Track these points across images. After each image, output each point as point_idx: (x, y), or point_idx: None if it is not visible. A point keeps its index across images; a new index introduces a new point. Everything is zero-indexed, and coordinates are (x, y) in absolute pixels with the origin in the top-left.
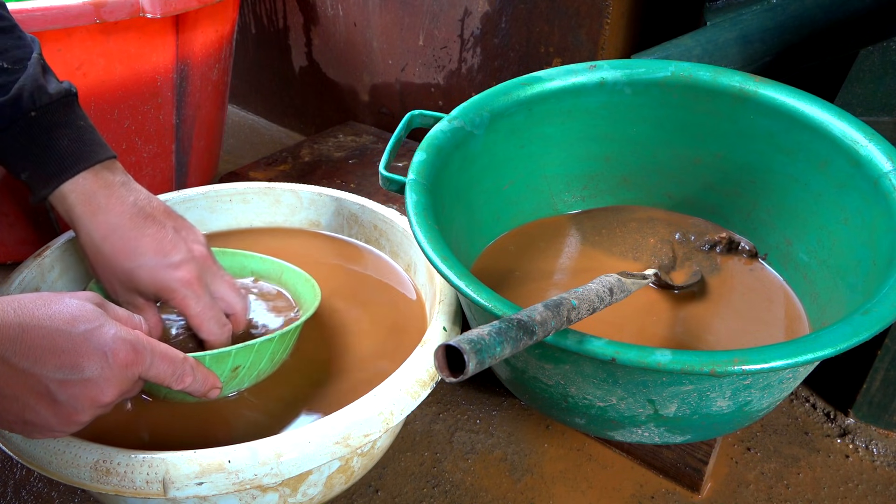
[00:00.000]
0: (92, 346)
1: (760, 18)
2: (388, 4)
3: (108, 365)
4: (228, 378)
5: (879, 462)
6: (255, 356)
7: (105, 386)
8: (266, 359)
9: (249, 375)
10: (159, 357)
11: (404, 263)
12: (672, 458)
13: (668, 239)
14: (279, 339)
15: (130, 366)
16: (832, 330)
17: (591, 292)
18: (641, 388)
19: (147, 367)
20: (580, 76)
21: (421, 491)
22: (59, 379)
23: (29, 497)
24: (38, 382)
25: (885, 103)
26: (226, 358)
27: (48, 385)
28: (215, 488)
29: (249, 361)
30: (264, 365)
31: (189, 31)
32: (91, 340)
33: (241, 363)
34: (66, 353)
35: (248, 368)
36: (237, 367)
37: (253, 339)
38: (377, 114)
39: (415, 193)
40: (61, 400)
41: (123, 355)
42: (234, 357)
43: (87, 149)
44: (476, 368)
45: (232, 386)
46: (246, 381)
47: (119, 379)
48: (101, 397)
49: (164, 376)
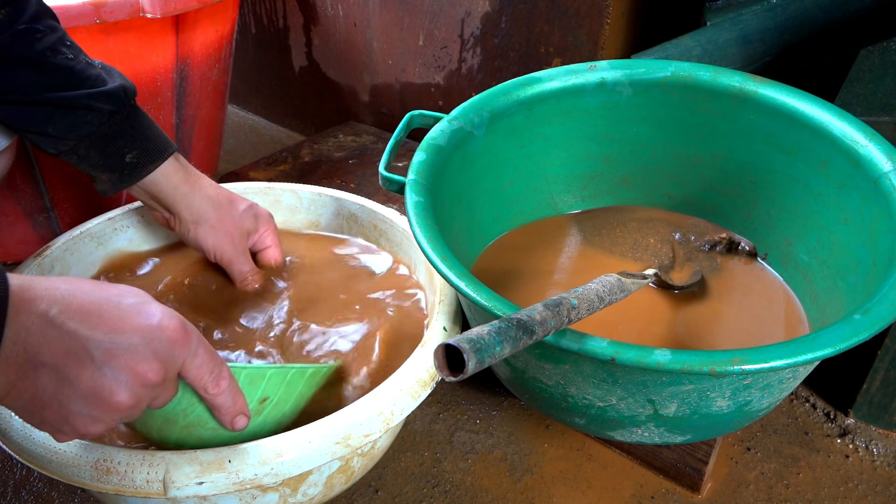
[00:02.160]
0: (142, 317)
1: (760, 18)
2: (388, 4)
3: (156, 337)
4: (254, 411)
5: (879, 462)
6: (284, 390)
7: (152, 359)
8: (293, 400)
9: (273, 416)
10: (204, 347)
11: (404, 263)
12: (672, 458)
13: (668, 239)
14: (311, 375)
15: (178, 344)
16: (832, 330)
17: (591, 292)
18: (641, 388)
19: (192, 353)
20: (580, 76)
21: (421, 491)
22: (105, 345)
23: (29, 497)
24: (82, 347)
25: (885, 103)
26: (259, 380)
27: (93, 351)
28: (215, 488)
29: (277, 396)
30: (289, 408)
31: (189, 31)
32: (141, 312)
33: (270, 394)
34: (115, 320)
35: (274, 405)
36: (265, 400)
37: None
38: (377, 114)
39: (415, 193)
40: (104, 370)
41: (172, 331)
42: (268, 381)
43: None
44: (476, 368)
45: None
46: (268, 424)
47: (166, 355)
48: (146, 371)
49: (204, 371)
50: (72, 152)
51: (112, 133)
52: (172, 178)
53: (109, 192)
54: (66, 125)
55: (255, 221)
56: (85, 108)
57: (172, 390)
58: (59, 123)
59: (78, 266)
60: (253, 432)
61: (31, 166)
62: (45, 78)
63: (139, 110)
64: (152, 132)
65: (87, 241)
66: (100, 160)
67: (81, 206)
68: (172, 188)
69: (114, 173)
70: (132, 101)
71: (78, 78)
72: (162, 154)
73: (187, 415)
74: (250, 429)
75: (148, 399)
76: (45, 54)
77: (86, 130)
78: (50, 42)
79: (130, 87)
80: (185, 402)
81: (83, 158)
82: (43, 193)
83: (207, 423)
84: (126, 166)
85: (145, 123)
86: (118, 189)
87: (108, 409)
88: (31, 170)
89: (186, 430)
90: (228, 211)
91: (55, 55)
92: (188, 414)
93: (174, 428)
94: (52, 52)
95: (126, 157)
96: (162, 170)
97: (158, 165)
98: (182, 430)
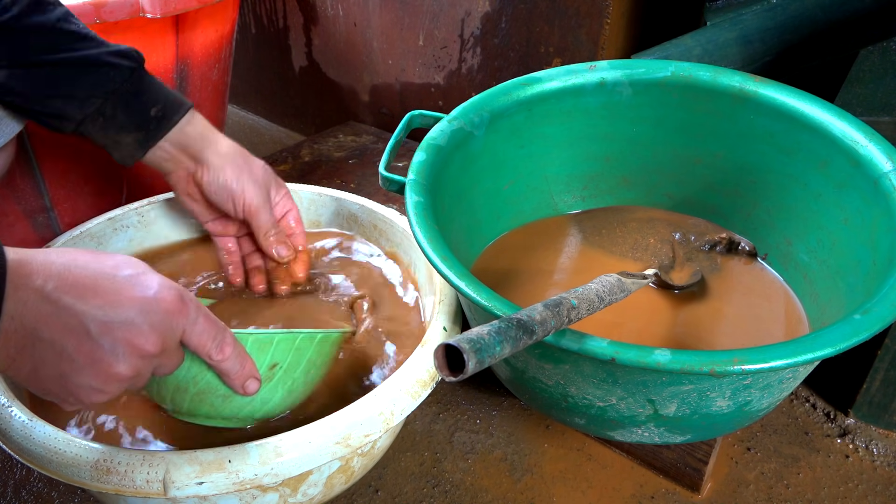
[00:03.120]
0: (137, 290)
1: (760, 18)
2: (388, 4)
3: (152, 309)
4: (264, 377)
5: (879, 462)
6: (293, 356)
7: (148, 331)
8: (303, 365)
9: (285, 382)
10: (204, 316)
11: (404, 263)
12: (672, 458)
13: (668, 239)
14: (320, 340)
15: (175, 315)
16: (832, 330)
17: (591, 292)
18: (641, 388)
19: (192, 321)
20: (580, 76)
21: (421, 491)
22: (101, 319)
23: (29, 497)
24: (79, 322)
25: (885, 103)
26: (267, 346)
27: (89, 325)
28: (215, 488)
29: (287, 362)
30: (300, 374)
31: (189, 31)
32: (136, 284)
33: (279, 360)
34: (110, 294)
35: (284, 371)
36: (275, 366)
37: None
38: (377, 114)
39: (415, 193)
40: (101, 344)
41: (169, 302)
42: (276, 347)
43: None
44: (476, 368)
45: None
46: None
47: (163, 326)
48: (143, 343)
49: (205, 339)
50: (98, 114)
51: (136, 89)
52: (198, 126)
53: (134, 156)
54: (90, 83)
55: (274, 180)
56: (107, 64)
57: (176, 359)
58: (84, 82)
59: None
60: (264, 399)
61: (32, 166)
62: (64, 40)
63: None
64: (168, 89)
65: (87, 241)
66: (126, 118)
67: (81, 206)
68: (199, 135)
69: (140, 131)
70: (143, 62)
71: (95, 41)
72: (183, 105)
73: (197, 382)
74: (261, 394)
75: (149, 369)
76: (59, 22)
77: (110, 87)
78: (61, 13)
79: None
80: (195, 370)
81: (109, 120)
82: (43, 193)
83: (218, 390)
84: (152, 120)
85: (159, 82)
86: (145, 148)
87: (109, 380)
88: (31, 170)
89: (198, 398)
90: (253, 161)
91: (68, 23)
92: (198, 381)
93: (185, 396)
94: (65, 21)
95: (151, 111)
96: (187, 118)
97: (184, 115)
98: (193, 397)
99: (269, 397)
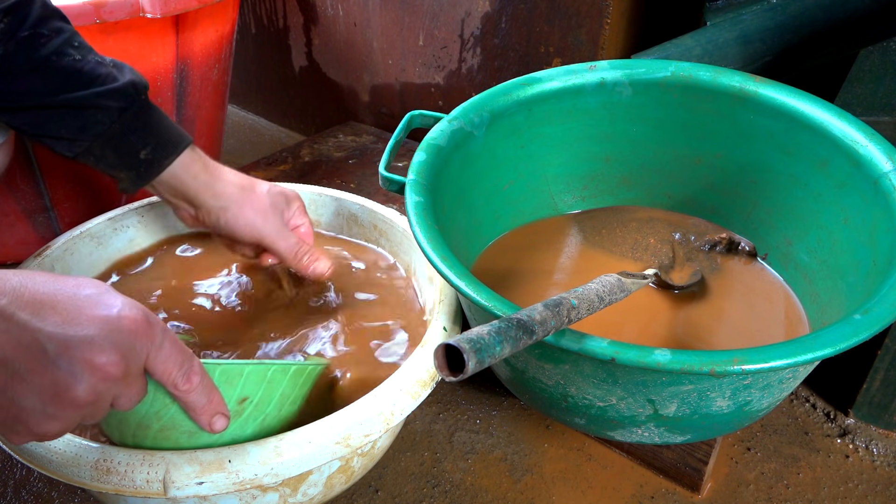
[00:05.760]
0: (99, 308)
1: (760, 18)
2: (388, 4)
3: (114, 328)
4: (233, 412)
5: (879, 462)
6: (265, 389)
7: (110, 351)
8: (275, 400)
9: (255, 418)
10: (170, 340)
11: (404, 263)
12: (672, 458)
13: (668, 239)
14: (294, 373)
15: (140, 336)
16: (832, 330)
17: (591, 292)
18: (641, 388)
19: (157, 346)
20: (580, 76)
21: (421, 491)
22: (58, 337)
23: (29, 497)
24: (34, 340)
25: (885, 103)
26: (236, 378)
27: (45, 343)
28: (215, 488)
29: (258, 396)
30: (272, 409)
31: (189, 31)
32: (98, 303)
33: (249, 394)
34: (70, 311)
35: (255, 406)
36: (244, 399)
37: None
38: (377, 114)
39: (415, 194)
40: (58, 364)
41: (133, 321)
42: (246, 379)
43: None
44: (476, 368)
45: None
46: (249, 426)
47: (126, 347)
48: (104, 364)
49: (171, 364)
50: (88, 153)
51: (123, 130)
52: (191, 169)
53: (131, 190)
54: (77, 126)
55: (284, 199)
56: (94, 107)
57: (138, 388)
58: (71, 125)
59: (78, 266)
60: (233, 436)
61: (32, 166)
62: (52, 82)
63: (152, 106)
64: (165, 126)
65: (87, 241)
66: (115, 159)
67: (81, 206)
68: (192, 178)
69: (131, 171)
70: (143, 96)
71: (86, 78)
72: (177, 147)
73: (161, 417)
74: (230, 432)
75: (109, 395)
76: (51, 58)
77: (97, 130)
78: (55, 46)
79: (141, 83)
80: (158, 404)
81: (100, 159)
82: (43, 193)
83: (182, 426)
84: (142, 163)
85: (157, 118)
86: (138, 187)
87: (65, 404)
88: (31, 169)
89: (162, 434)
90: (254, 191)
91: (61, 58)
92: (161, 417)
93: (148, 433)
94: (58, 56)
95: (141, 154)
96: (179, 162)
97: (175, 159)
98: (157, 434)
99: (239, 435)
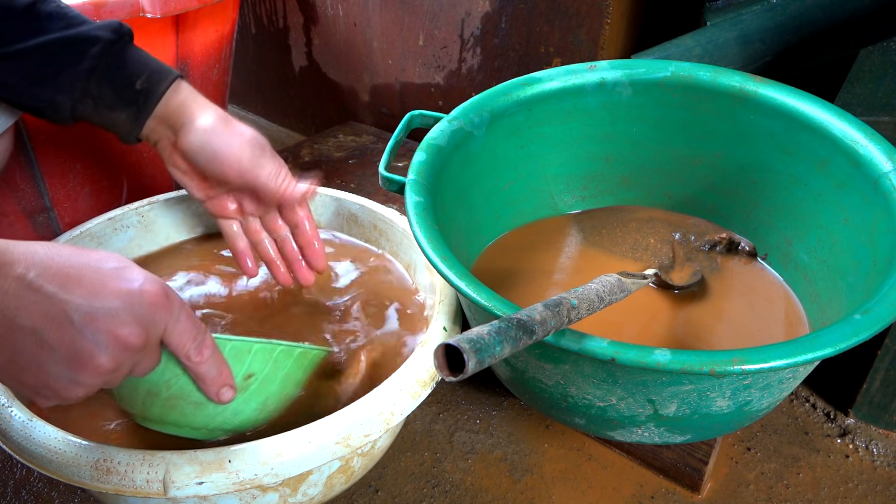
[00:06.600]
0: (122, 282)
1: (760, 18)
2: (388, 4)
3: (136, 302)
4: (238, 387)
5: (879, 462)
6: (270, 368)
7: (132, 323)
8: (279, 380)
9: (259, 395)
10: (186, 314)
11: (404, 263)
12: (672, 458)
13: (668, 239)
14: (299, 355)
15: (159, 309)
16: (832, 330)
17: (591, 292)
18: (641, 388)
19: (174, 318)
20: (580, 76)
21: (421, 491)
22: (84, 309)
23: (29, 497)
24: (61, 311)
25: (885, 103)
26: (244, 354)
27: (72, 315)
28: (215, 488)
29: (263, 374)
30: (275, 388)
31: (189, 31)
32: (121, 277)
33: (255, 371)
34: (94, 284)
35: (259, 383)
36: (250, 376)
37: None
38: (377, 114)
39: (415, 193)
40: (84, 334)
41: (153, 295)
42: (253, 356)
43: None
44: (476, 368)
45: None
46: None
47: (147, 320)
48: (126, 335)
49: (186, 337)
50: (86, 96)
51: (117, 62)
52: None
53: (133, 133)
54: (72, 61)
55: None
56: (87, 39)
57: (155, 357)
58: (66, 61)
59: None
60: (236, 410)
61: (31, 166)
62: (41, 24)
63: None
64: (153, 59)
65: (87, 242)
66: (112, 95)
67: (81, 206)
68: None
69: (131, 107)
70: (129, 35)
71: (76, 20)
72: (169, 74)
73: (170, 386)
74: (233, 405)
75: (129, 364)
76: (35, 4)
77: (92, 63)
78: None
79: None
80: (169, 373)
81: (98, 99)
82: (43, 193)
83: (191, 396)
84: (139, 94)
85: (145, 53)
86: (140, 125)
87: (89, 372)
88: (31, 170)
89: (169, 403)
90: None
91: (45, 4)
92: (171, 385)
93: (157, 400)
94: (42, 2)
95: (136, 84)
96: (175, 88)
97: (169, 85)
98: (165, 402)
99: (241, 409)
